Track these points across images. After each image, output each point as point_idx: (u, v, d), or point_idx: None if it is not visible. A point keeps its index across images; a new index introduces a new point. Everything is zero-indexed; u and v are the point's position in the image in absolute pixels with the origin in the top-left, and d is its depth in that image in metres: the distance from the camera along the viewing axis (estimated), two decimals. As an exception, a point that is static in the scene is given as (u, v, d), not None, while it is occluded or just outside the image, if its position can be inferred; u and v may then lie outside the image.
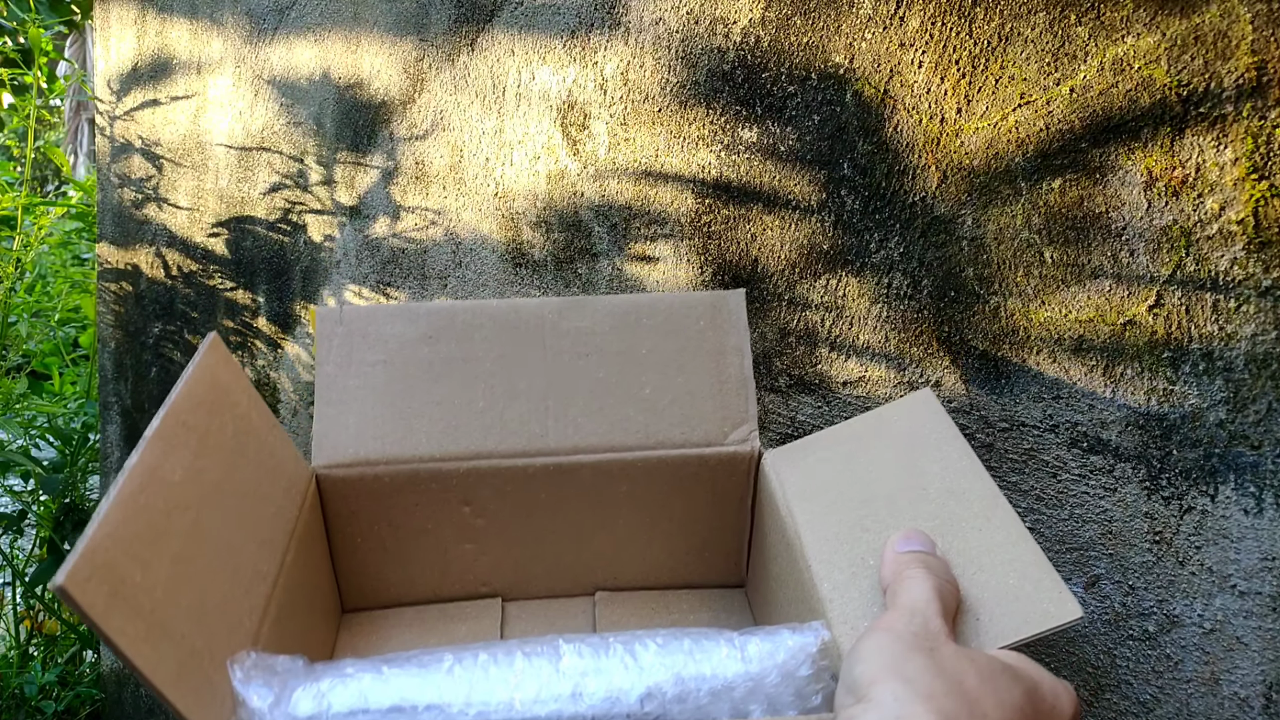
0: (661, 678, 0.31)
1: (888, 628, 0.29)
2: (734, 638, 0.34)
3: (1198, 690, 0.43)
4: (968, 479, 0.37)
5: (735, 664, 0.32)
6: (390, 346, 0.44)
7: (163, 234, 1.22)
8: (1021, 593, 0.32)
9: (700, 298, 0.47)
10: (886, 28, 0.51)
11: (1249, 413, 0.41)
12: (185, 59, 1.16)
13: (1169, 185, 0.42)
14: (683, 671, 0.32)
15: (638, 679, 0.31)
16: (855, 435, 0.42)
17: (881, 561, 0.34)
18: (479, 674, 0.31)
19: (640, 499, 0.45)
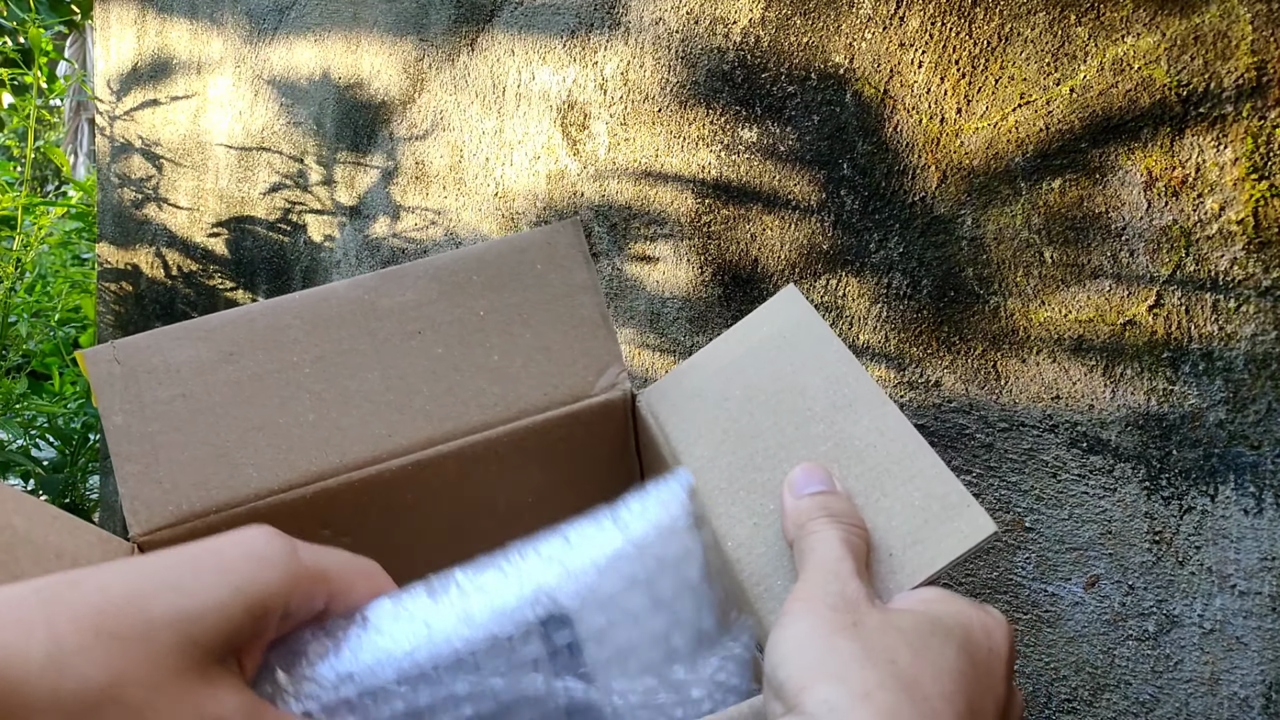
0: (546, 577, 0.30)
1: (805, 605, 0.27)
2: (608, 512, 0.32)
3: (1197, 690, 0.43)
4: (851, 387, 0.35)
5: (615, 538, 0.31)
6: (184, 375, 0.38)
7: (163, 234, 1.22)
8: (929, 513, 0.31)
9: (529, 237, 0.42)
10: (886, 28, 0.51)
11: (1249, 413, 0.41)
12: (185, 59, 1.16)
13: (1169, 185, 0.43)
14: (567, 563, 0.30)
15: (520, 586, 0.30)
16: (727, 356, 0.40)
17: (782, 510, 0.33)
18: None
19: (516, 475, 0.42)
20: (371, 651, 0.28)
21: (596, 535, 0.31)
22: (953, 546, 0.30)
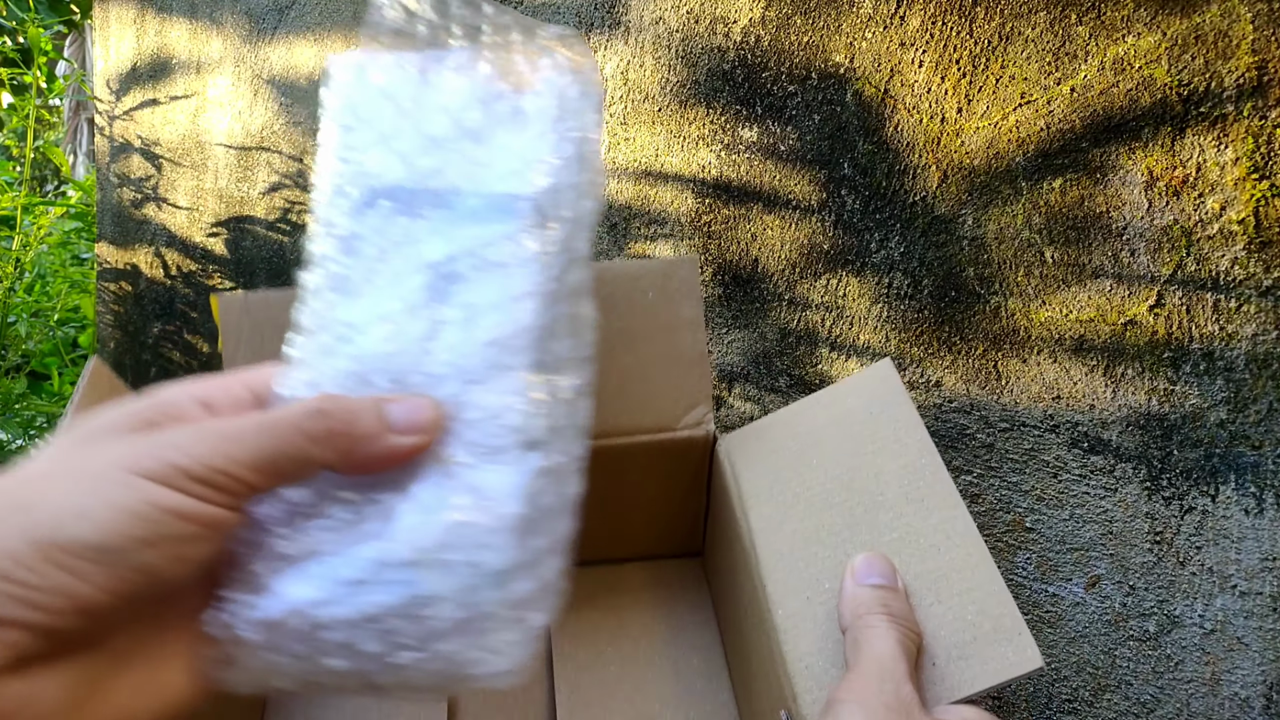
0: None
1: (860, 704, 0.27)
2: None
3: (1198, 690, 0.43)
4: (926, 480, 0.35)
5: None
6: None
7: (162, 234, 1.22)
8: (980, 632, 0.31)
9: (648, 266, 0.42)
10: (887, 27, 0.51)
11: (1250, 413, 0.41)
12: (184, 59, 1.16)
13: (1170, 185, 0.42)
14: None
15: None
16: (811, 420, 0.40)
17: (840, 593, 0.33)
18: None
19: (589, 485, 0.43)
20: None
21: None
22: (997, 671, 0.30)
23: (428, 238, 0.29)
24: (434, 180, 0.30)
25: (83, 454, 0.23)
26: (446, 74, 0.31)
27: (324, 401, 0.25)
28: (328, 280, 0.29)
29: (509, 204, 0.30)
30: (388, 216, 0.29)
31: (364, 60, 0.31)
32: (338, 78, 0.31)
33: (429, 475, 0.27)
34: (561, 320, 0.29)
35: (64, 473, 0.23)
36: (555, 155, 0.30)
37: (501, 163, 0.30)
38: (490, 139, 0.30)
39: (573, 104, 0.31)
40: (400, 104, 0.30)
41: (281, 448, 0.24)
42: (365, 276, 0.29)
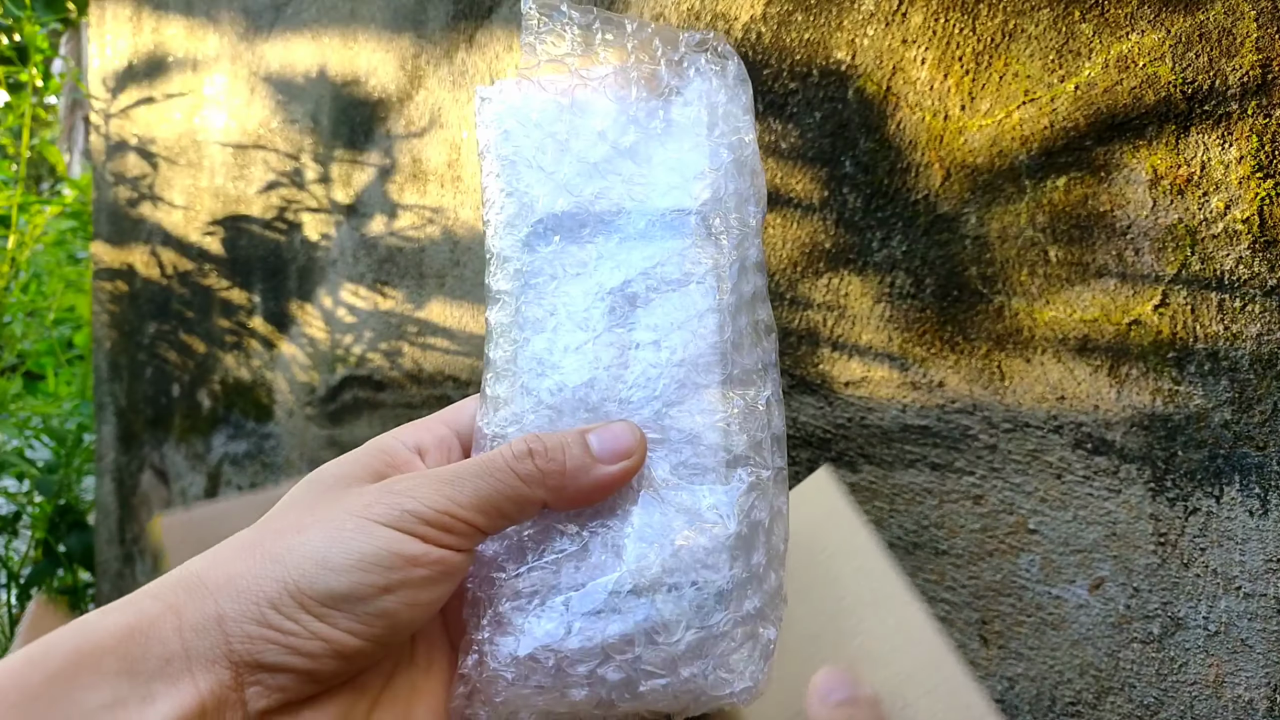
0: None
1: None
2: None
3: (1202, 693, 0.43)
4: (879, 581, 0.35)
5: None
6: None
7: (158, 233, 1.21)
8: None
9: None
10: (889, 24, 0.51)
11: (1254, 413, 0.41)
12: (181, 56, 1.16)
13: (1174, 183, 0.42)
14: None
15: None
16: None
17: (808, 716, 0.32)
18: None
19: None
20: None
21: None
22: None
23: (602, 264, 0.30)
24: (599, 205, 0.30)
25: (324, 505, 0.25)
26: (596, 97, 0.31)
27: (531, 441, 0.26)
28: (513, 317, 0.30)
29: (676, 220, 0.30)
30: (560, 247, 0.30)
31: (513, 90, 0.32)
32: (489, 110, 0.32)
33: (643, 501, 0.28)
34: (744, 331, 0.30)
35: (309, 524, 0.25)
36: (712, 165, 0.30)
37: (662, 179, 0.30)
38: (648, 156, 0.31)
39: (722, 109, 0.31)
40: (556, 134, 0.31)
41: (500, 489, 0.25)
42: (548, 310, 0.30)
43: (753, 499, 0.28)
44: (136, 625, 0.22)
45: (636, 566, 0.27)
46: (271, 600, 0.23)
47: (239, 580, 0.23)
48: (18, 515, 1.58)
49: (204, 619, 0.22)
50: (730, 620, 0.27)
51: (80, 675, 0.21)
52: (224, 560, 0.24)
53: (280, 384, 1.03)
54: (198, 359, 1.16)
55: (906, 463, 0.52)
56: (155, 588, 0.23)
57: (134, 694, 0.21)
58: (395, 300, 0.86)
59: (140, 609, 0.22)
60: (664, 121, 0.31)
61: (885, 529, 0.53)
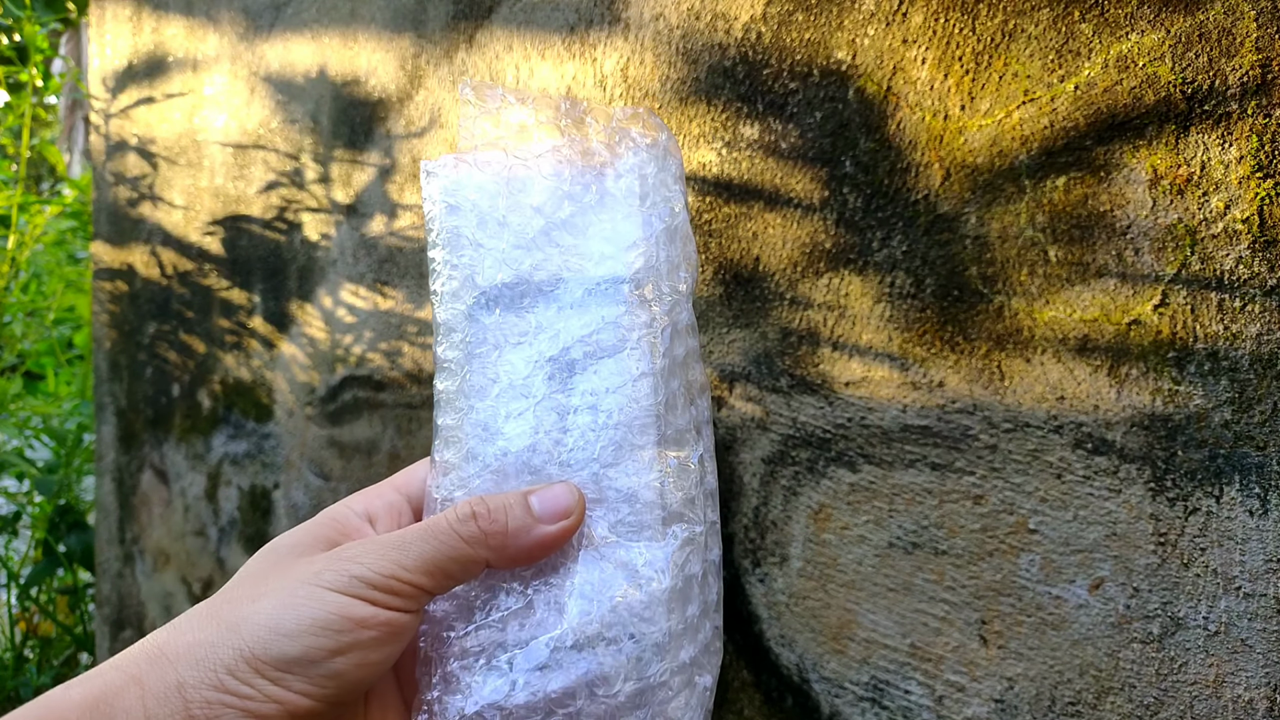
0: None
1: None
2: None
3: (1202, 693, 0.43)
4: None
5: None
6: None
7: (158, 233, 1.21)
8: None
9: None
10: (889, 24, 0.51)
11: (1254, 413, 0.41)
12: (181, 56, 1.16)
13: (1174, 183, 0.42)
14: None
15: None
16: None
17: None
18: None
19: None
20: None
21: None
22: None
23: (541, 333, 0.31)
24: (538, 275, 0.32)
25: (277, 574, 0.27)
26: (532, 174, 0.33)
27: (475, 504, 0.28)
28: (459, 384, 0.31)
29: (610, 289, 0.32)
30: (501, 318, 0.31)
31: (455, 166, 0.33)
32: (435, 184, 0.33)
33: (583, 559, 0.29)
34: (677, 392, 0.31)
35: (263, 593, 0.26)
36: (645, 234, 0.32)
37: (597, 249, 0.32)
38: (583, 228, 0.32)
39: (653, 179, 0.33)
40: (494, 210, 0.32)
41: (444, 551, 0.27)
42: (491, 378, 0.31)
43: (687, 554, 0.29)
44: (101, 696, 0.23)
45: (578, 623, 0.28)
46: (228, 667, 0.24)
47: (197, 649, 0.24)
48: (18, 515, 1.58)
49: (165, 687, 0.24)
50: (667, 670, 0.28)
51: None
52: (184, 630, 0.25)
53: (280, 384, 1.03)
54: (198, 359, 1.16)
55: (906, 463, 0.52)
56: (119, 660, 0.25)
57: None
58: (395, 300, 0.86)
59: (105, 681, 0.24)
60: (598, 194, 0.32)
61: (885, 529, 0.53)
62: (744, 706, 0.60)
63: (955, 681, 0.51)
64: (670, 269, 0.32)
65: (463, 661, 0.28)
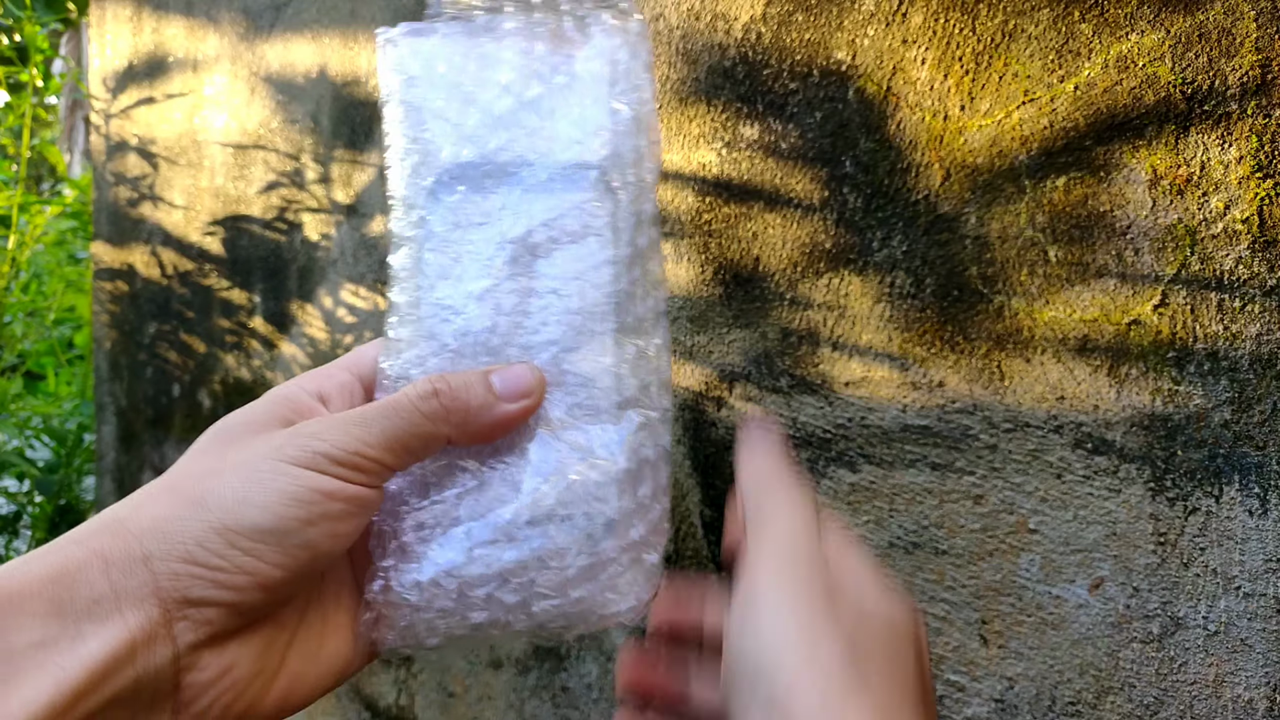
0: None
1: (775, 578, 0.26)
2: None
3: (1201, 693, 0.43)
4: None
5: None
6: None
7: (158, 233, 1.21)
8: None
9: None
10: (889, 24, 0.51)
11: (1254, 413, 0.41)
12: (181, 56, 1.16)
13: (1174, 184, 0.42)
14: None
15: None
16: None
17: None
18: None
19: None
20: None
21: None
22: None
23: (504, 214, 0.31)
24: (502, 156, 0.31)
25: (235, 451, 0.26)
26: (502, 49, 0.32)
27: (436, 381, 0.28)
28: (416, 262, 0.31)
29: (577, 174, 0.31)
30: (464, 196, 0.31)
31: (417, 37, 0.32)
32: (393, 53, 0.32)
33: (540, 439, 0.29)
34: (638, 281, 0.31)
35: (223, 469, 0.26)
36: (613, 121, 0.31)
37: (564, 133, 0.31)
38: (551, 110, 0.32)
39: (624, 66, 0.32)
40: (461, 85, 0.32)
41: (405, 428, 0.27)
42: (453, 257, 0.31)
43: (641, 437, 0.30)
44: (63, 569, 0.23)
45: (532, 499, 0.28)
46: (198, 539, 0.24)
47: (163, 523, 0.24)
48: (18, 515, 1.58)
49: (129, 560, 0.23)
50: (617, 547, 0.29)
51: (6, 617, 0.22)
52: (143, 505, 0.25)
53: (281, 384, 1.03)
54: (198, 359, 1.16)
55: (907, 463, 0.52)
56: (78, 534, 0.24)
57: (64, 633, 0.22)
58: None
59: (65, 554, 0.23)
60: (567, 75, 0.32)
61: (885, 529, 0.53)
62: (744, 706, 0.60)
63: (955, 681, 0.51)
64: (636, 158, 0.32)
65: (419, 533, 0.28)
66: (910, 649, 0.26)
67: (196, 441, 0.28)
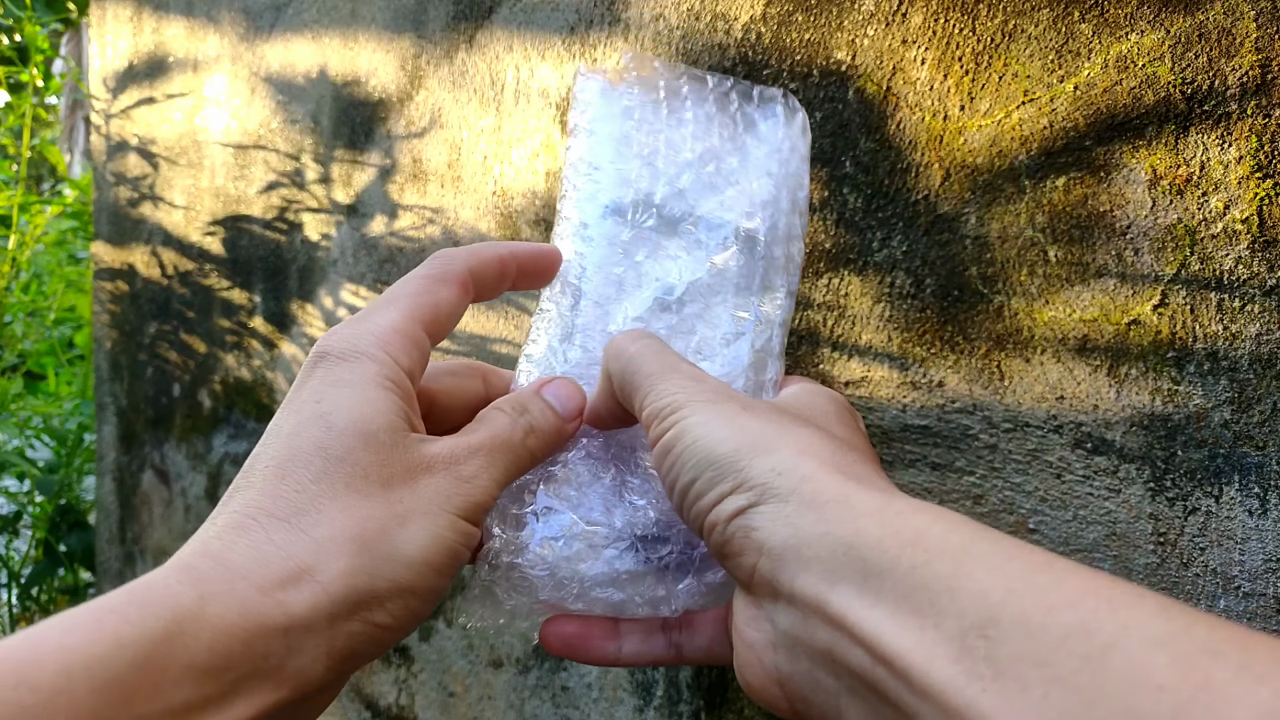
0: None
1: (702, 405, 0.29)
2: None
3: (1202, 692, 0.43)
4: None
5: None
6: None
7: (158, 233, 1.21)
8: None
9: None
10: (889, 24, 0.51)
11: (1254, 413, 0.41)
12: (181, 56, 1.16)
13: (1173, 184, 0.42)
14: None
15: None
16: None
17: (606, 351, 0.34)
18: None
19: None
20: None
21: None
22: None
23: (664, 258, 0.34)
24: (676, 205, 0.34)
25: (402, 484, 0.26)
26: (687, 113, 0.35)
27: (522, 418, 0.30)
28: (590, 290, 0.33)
29: (738, 237, 0.34)
30: (634, 229, 0.34)
31: (610, 82, 0.35)
32: (591, 87, 0.35)
33: (643, 469, 0.32)
34: (768, 351, 0.35)
35: (406, 516, 0.26)
36: (774, 199, 0.35)
37: (732, 202, 0.34)
38: (723, 180, 0.34)
39: (786, 153, 0.36)
40: (650, 133, 0.34)
41: (515, 466, 0.29)
42: (614, 284, 0.33)
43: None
44: (244, 628, 0.22)
45: (630, 517, 0.31)
46: (383, 600, 0.24)
47: (352, 579, 0.24)
48: (18, 515, 1.59)
49: (315, 618, 0.23)
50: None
51: (164, 679, 0.20)
52: (329, 550, 0.24)
53: (281, 384, 1.03)
54: (198, 359, 1.16)
55: (906, 463, 0.52)
56: (262, 578, 0.23)
57: (221, 695, 0.22)
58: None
59: (248, 608, 0.22)
60: (740, 155, 0.35)
61: (885, 529, 0.53)
62: (744, 706, 0.60)
63: (955, 681, 0.51)
64: (789, 234, 0.36)
65: (530, 508, 0.31)
66: (850, 413, 0.30)
67: (327, 408, 0.27)
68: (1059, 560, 0.20)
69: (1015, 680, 0.17)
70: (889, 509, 0.23)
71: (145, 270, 1.25)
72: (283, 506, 0.24)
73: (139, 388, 1.29)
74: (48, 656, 0.19)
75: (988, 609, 0.19)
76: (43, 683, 0.18)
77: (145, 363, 1.27)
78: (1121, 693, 0.16)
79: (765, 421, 0.26)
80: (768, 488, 0.24)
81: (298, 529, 0.24)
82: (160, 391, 1.24)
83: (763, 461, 0.24)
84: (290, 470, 0.25)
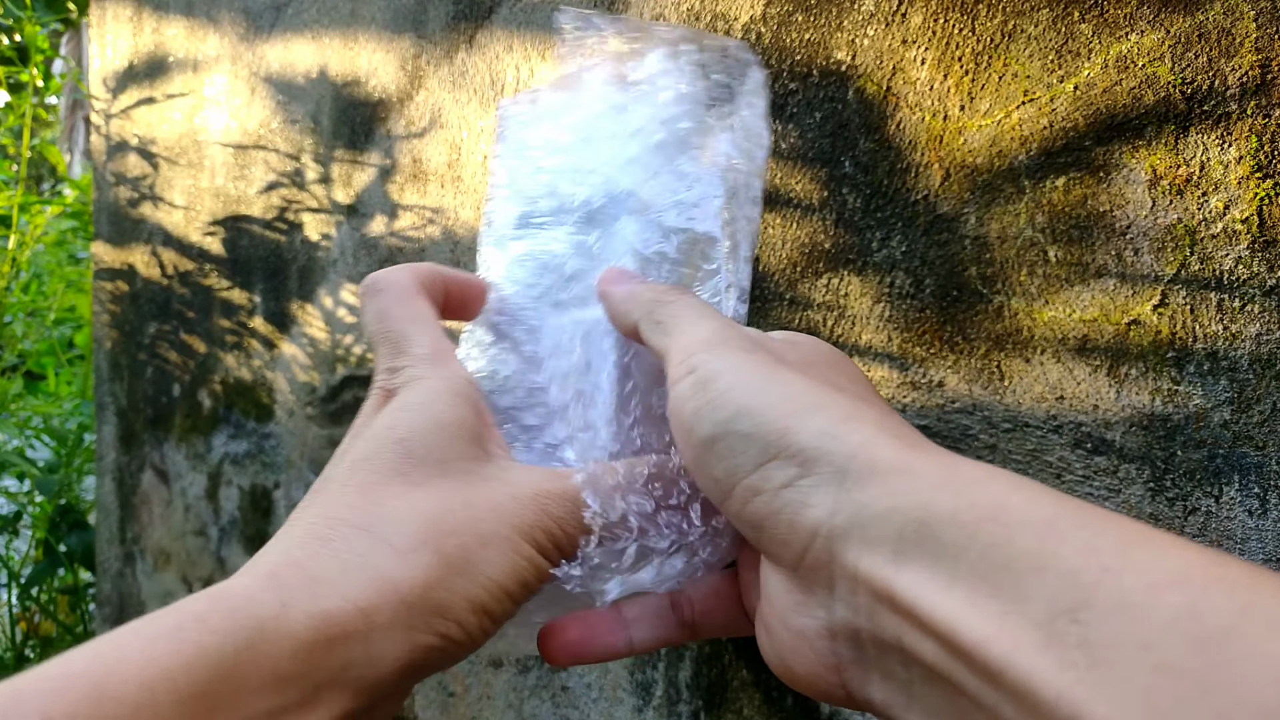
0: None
1: (718, 354, 0.27)
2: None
3: (1202, 692, 0.43)
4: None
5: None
6: None
7: (158, 233, 1.21)
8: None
9: None
10: (889, 24, 0.51)
11: (1254, 413, 0.41)
12: (181, 57, 1.16)
13: (1173, 184, 0.42)
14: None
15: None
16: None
17: (610, 304, 0.33)
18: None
19: None
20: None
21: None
22: None
23: (606, 253, 0.34)
24: (608, 196, 0.34)
25: (485, 502, 0.26)
26: (631, 103, 0.35)
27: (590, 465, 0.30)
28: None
29: (692, 238, 0.34)
30: (561, 236, 0.35)
31: (536, 96, 0.36)
32: (514, 109, 0.36)
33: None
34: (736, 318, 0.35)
35: (488, 538, 0.25)
36: (726, 193, 0.34)
37: (680, 196, 0.34)
38: (664, 173, 0.34)
39: (743, 136, 0.35)
40: (582, 130, 0.34)
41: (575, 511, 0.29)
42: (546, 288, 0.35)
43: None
44: (325, 632, 0.22)
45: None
46: (459, 617, 0.24)
47: (432, 593, 0.23)
48: (18, 515, 1.59)
49: (393, 626, 0.23)
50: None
51: (248, 686, 0.20)
52: (412, 561, 0.24)
53: (281, 384, 1.03)
54: (198, 359, 1.16)
55: (906, 462, 0.52)
56: (346, 587, 0.22)
57: (301, 702, 0.22)
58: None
59: (337, 611, 0.22)
60: (684, 139, 0.34)
61: (885, 529, 0.53)
62: (744, 706, 0.60)
63: (955, 681, 0.51)
64: (750, 228, 0.36)
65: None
66: (854, 366, 0.29)
67: (391, 420, 0.28)
68: (1157, 533, 0.18)
69: (1114, 669, 0.15)
70: (959, 477, 0.20)
71: (145, 270, 1.25)
72: (363, 517, 0.24)
73: (139, 388, 1.29)
74: (131, 667, 0.19)
75: (1080, 590, 0.17)
76: (126, 696, 0.18)
77: (145, 363, 1.27)
78: (1242, 681, 0.14)
79: (806, 377, 0.24)
80: (820, 453, 0.21)
81: (379, 539, 0.24)
82: (160, 391, 1.24)
83: (810, 422, 0.22)
84: (371, 480, 0.25)
